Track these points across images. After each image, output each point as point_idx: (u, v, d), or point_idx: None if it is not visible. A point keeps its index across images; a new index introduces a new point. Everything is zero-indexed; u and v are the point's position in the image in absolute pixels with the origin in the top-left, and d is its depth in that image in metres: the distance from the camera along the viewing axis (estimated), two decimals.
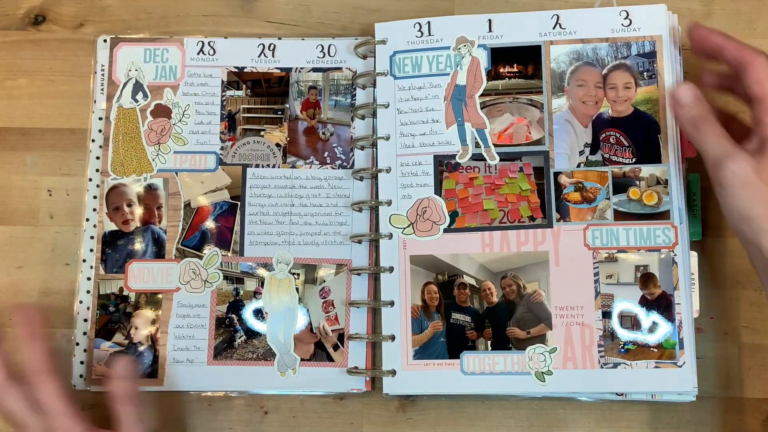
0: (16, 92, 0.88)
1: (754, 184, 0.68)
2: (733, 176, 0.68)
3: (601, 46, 0.80)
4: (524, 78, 0.81)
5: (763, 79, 0.70)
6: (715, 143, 0.70)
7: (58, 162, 0.87)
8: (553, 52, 0.81)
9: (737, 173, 0.68)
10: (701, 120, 0.72)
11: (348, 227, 0.84)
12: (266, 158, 0.85)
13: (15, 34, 0.89)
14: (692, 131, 0.72)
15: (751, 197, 0.68)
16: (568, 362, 0.77)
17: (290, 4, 0.89)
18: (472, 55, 0.82)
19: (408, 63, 0.83)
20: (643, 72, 0.79)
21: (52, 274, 0.85)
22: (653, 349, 0.76)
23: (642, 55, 0.79)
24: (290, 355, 0.81)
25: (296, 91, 0.86)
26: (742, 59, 0.71)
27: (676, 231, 0.77)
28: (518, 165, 0.80)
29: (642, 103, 0.79)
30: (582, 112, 0.80)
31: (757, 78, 0.70)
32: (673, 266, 0.76)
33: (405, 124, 0.82)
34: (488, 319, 0.79)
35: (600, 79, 0.80)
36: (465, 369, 0.78)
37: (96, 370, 0.82)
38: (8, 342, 0.82)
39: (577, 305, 0.78)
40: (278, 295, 0.83)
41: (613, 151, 0.79)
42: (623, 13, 0.80)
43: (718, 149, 0.70)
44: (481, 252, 0.80)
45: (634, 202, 0.78)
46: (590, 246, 0.78)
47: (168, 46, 0.87)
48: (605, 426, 0.80)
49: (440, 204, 0.81)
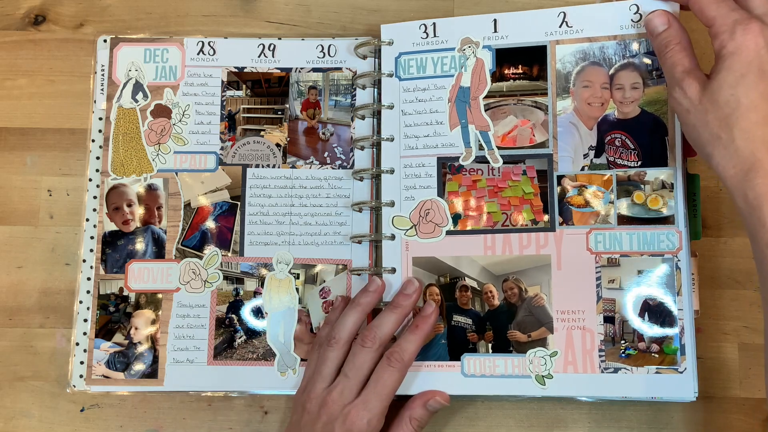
0: (16, 92, 0.86)
1: (695, 109, 0.66)
2: (679, 102, 0.67)
3: (608, 45, 0.77)
4: (529, 79, 0.78)
5: (701, 6, 0.68)
6: (672, 69, 0.69)
7: (58, 162, 0.85)
8: (559, 52, 0.78)
9: (682, 101, 0.67)
10: (666, 46, 0.70)
11: (348, 227, 0.81)
12: (266, 158, 0.83)
13: (15, 34, 0.88)
14: (660, 58, 0.71)
15: (695, 123, 0.66)
16: (568, 366, 0.75)
17: (290, 4, 0.87)
18: (476, 56, 0.79)
19: (413, 64, 0.80)
20: (652, 71, 0.76)
21: (52, 274, 0.83)
22: (654, 354, 0.74)
23: (651, 53, 0.76)
24: (290, 355, 0.79)
25: (296, 91, 0.84)
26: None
27: (681, 236, 0.74)
28: (521, 168, 0.78)
29: (649, 104, 0.76)
30: (587, 113, 0.77)
31: (699, 8, 0.69)
32: (677, 272, 0.74)
33: (409, 126, 0.80)
34: (489, 322, 0.77)
35: (607, 79, 0.77)
36: (466, 371, 0.76)
37: (96, 370, 0.79)
38: (7, 342, 0.82)
39: (578, 309, 0.75)
40: (278, 295, 0.81)
41: (618, 154, 0.76)
42: (633, 7, 0.76)
43: (672, 75, 0.69)
44: (483, 255, 0.77)
45: (638, 206, 0.75)
46: (593, 250, 0.75)
47: (168, 46, 0.84)
48: (605, 426, 0.79)
49: (443, 206, 0.78)
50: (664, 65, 0.70)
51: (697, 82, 0.66)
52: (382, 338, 0.72)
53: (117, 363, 0.79)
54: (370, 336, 0.72)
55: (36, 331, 0.81)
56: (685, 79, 0.67)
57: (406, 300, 0.75)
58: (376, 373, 0.71)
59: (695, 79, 0.67)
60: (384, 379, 0.71)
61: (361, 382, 0.71)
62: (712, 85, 0.65)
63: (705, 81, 0.66)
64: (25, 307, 0.82)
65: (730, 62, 0.65)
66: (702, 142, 0.66)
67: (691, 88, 0.66)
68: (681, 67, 0.68)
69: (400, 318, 0.74)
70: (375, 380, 0.71)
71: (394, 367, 0.71)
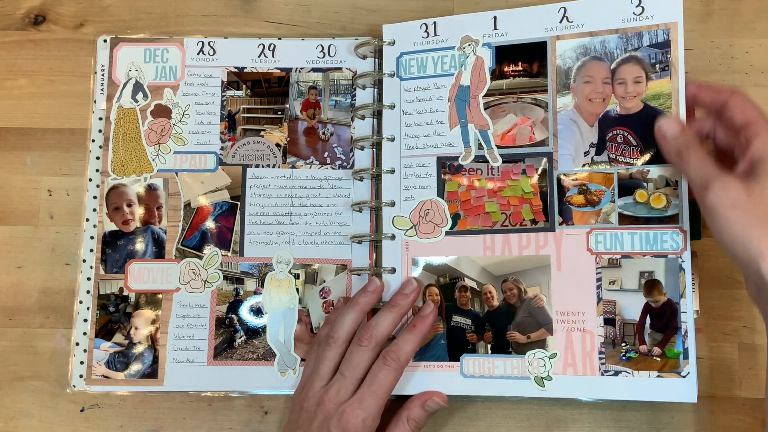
0: (16, 92, 0.86)
1: (745, 204, 0.62)
2: (722, 198, 0.63)
3: (609, 39, 0.75)
4: (529, 76, 0.77)
5: (744, 106, 0.68)
6: (701, 167, 0.66)
7: (58, 162, 0.84)
8: (560, 47, 0.76)
9: (726, 194, 0.63)
10: (686, 147, 0.68)
11: (348, 227, 0.80)
12: (266, 158, 0.82)
13: (15, 34, 0.87)
14: (677, 161, 0.69)
15: (743, 218, 0.62)
16: (568, 368, 0.73)
17: (290, 4, 0.87)
18: (476, 54, 0.78)
19: (414, 64, 0.80)
20: (655, 64, 0.74)
21: (52, 274, 0.82)
22: (656, 358, 0.72)
23: (654, 46, 0.74)
24: (290, 356, 0.78)
25: (296, 91, 0.83)
26: (720, 97, 0.70)
27: (685, 236, 0.72)
28: (521, 167, 0.76)
29: (653, 98, 0.74)
30: (588, 110, 0.75)
31: (738, 107, 0.68)
32: (681, 273, 0.72)
33: (409, 126, 0.79)
34: (489, 323, 0.75)
35: (608, 74, 0.75)
36: (465, 372, 0.75)
37: (96, 370, 0.78)
38: (7, 342, 0.81)
39: (578, 311, 0.74)
40: (278, 295, 0.80)
41: (620, 151, 0.74)
42: (635, 0, 0.75)
43: (704, 173, 0.65)
44: (483, 255, 0.76)
45: (640, 205, 0.73)
46: (593, 251, 0.74)
47: (168, 47, 0.84)
48: (605, 426, 0.78)
49: (442, 206, 0.77)
50: (687, 167, 0.67)
51: (738, 180, 0.64)
52: (378, 337, 0.71)
53: (117, 363, 0.78)
54: (366, 335, 0.71)
55: (36, 331, 0.81)
56: (723, 175, 0.64)
57: (404, 300, 0.74)
58: (372, 372, 0.70)
59: (733, 176, 0.64)
60: (380, 379, 0.70)
61: (358, 381, 0.71)
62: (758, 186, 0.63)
63: (742, 178, 0.64)
64: (25, 307, 0.81)
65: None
66: (749, 237, 0.62)
67: (734, 186, 0.63)
68: (711, 165, 0.66)
69: (398, 317, 0.73)
70: (371, 379, 0.70)
71: (390, 367, 0.70)
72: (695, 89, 0.72)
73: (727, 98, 0.69)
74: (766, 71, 0.82)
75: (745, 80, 0.81)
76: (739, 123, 0.67)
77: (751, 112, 0.67)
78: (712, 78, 0.82)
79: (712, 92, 0.71)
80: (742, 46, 0.82)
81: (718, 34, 0.83)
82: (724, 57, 0.82)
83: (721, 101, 0.69)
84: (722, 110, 0.69)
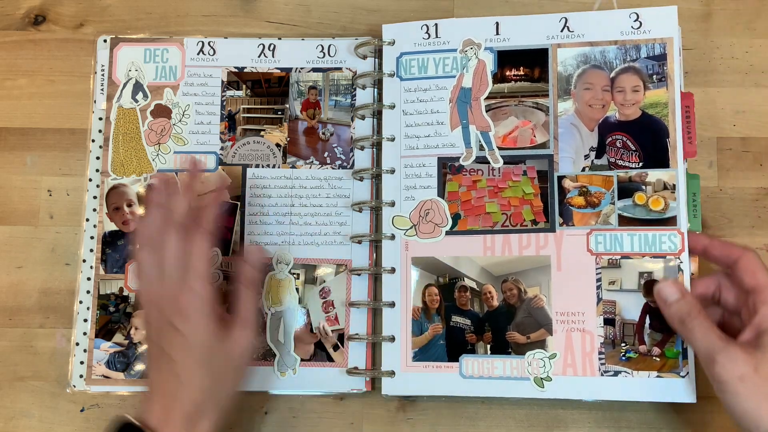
0: (16, 92, 0.85)
1: (753, 378, 0.62)
2: (729, 372, 0.63)
3: (609, 49, 0.77)
4: (530, 81, 0.78)
5: (755, 269, 0.67)
6: (706, 338, 0.66)
7: (58, 162, 0.84)
8: (561, 55, 0.77)
9: (733, 367, 0.63)
10: (688, 316, 0.67)
11: (348, 227, 0.80)
12: (266, 158, 0.82)
13: (15, 34, 0.87)
14: (680, 328, 0.68)
15: (753, 394, 0.62)
16: (567, 369, 0.73)
17: (290, 4, 0.86)
18: (478, 57, 0.78)
19: (414, 65, 0.80)
20: (653, 75, 0.75)
21: (52, 274, 0.82)
22: (655, 358, 0.72)
23: (651, 58, 0.76)
24: (290, 356, 0.78)
25: (296, 91, 0.83)
26: (731, 255, 0.69)
27: (683, 237, 0.73)
28: (522, 168, 0.77)
29: (650, 106, 0.75)
30: (588, 115, 0.76)
31: (748, 269, 0.68)
32: (679, 274, 0.73)
33: (410, 126, 0.79)
34: (488, 323, 0.76)
35: (608, 82, 0.76)
36: (464, 372, 0.75)
37: (96, 370, 0.78)
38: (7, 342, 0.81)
39: (578, 311, 0.74)
40: (278, 296, 0.79)
41: (619, 155, 0.75)
42: (633, 15, 0.76)
43: (709, 345, 0.65)
44: (483, 255, 0.76)
45: (639, 207, 0.74)
46: (593, 251, 0.74)
47: (168, 47, 0.83)
48: (605, 426, 0.77)
49: (443, 206, 0.77)
50: (692, 333, 0.67)
51: (744, 351, 0.63)
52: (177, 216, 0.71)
53: (117, 363, 0.78)
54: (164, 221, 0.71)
55: (36, 331, 0.80)
56: (729, 347, 0.64)
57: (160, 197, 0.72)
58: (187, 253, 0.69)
59: (739, 347, 0.64)
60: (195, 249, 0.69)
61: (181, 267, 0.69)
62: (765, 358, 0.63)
63: (748, 349, 0.64)
64: (25, 307, 0.81)
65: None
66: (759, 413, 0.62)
67: (740, 358, 0.63)
68: (715, 336, 0.65)
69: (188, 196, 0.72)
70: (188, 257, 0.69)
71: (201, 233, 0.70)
72: (707, 243, 0.71)
73: (738, 257, 0.68)
74: (766, 71, 0.82)
75: (745, 80, 0.82)
76: (749, 286, 0.67)
77: (761, 277, 0.67)
78: (712, 78, 0.82)
79: (724, 249, 0.70)
80: (742, 46, 0.82)
81: (718, 34, 0.83)
82: (724, 57, 0.82)
83: (731, 259, 0.69)
84: (732, 268, 0.69)
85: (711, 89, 0.82)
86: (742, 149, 0.81)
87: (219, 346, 0.68)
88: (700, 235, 0.73)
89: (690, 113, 0.74)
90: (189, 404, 0.66)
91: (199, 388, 0.67)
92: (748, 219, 0.80)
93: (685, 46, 0.79)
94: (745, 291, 0.68)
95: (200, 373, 0.67)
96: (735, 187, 0.80)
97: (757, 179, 0.80)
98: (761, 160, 0.80)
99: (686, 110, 0.74)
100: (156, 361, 0.68)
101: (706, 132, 0.81)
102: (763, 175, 0.80)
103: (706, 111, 0.81)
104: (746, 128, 0.81)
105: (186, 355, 0.67)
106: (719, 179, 0.80)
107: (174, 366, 0.66)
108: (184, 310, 0.67)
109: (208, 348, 0.67)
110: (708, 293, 0.72)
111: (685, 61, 0.79)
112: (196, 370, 0.66)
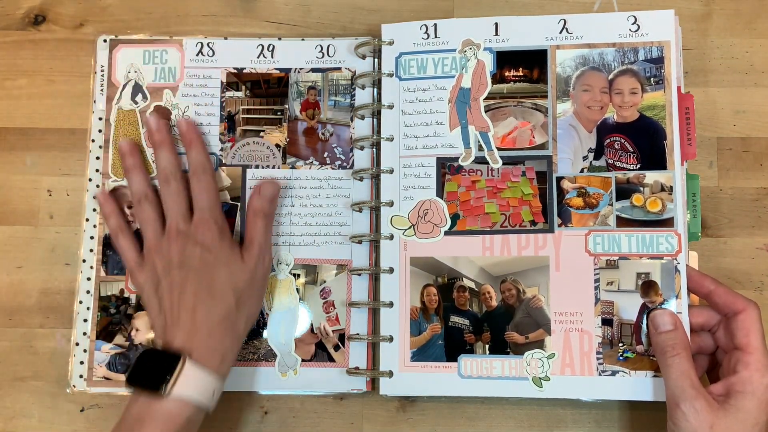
0: (16, 92, 0.86)
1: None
2: (688, 423, 0.65)
3: (607, 51, 0.77)
4: (529, 82, 0.78)
5: (750, 329, 0.68)
6: (679, 380, 0.67)
7: (58, 162, 0.84)
8: (559, 56, 0.78)
9: (692, 421, 0.65)
10: (672, 349, 0.69)
11: (348, 227, 0.81)
12: (266, 159, 0.82)
13: (15, 34, 0.87)
14: (660, 358, 0.70)
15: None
16: (566, 368, 0.74)
17: (290, 4, 0.87)
18: (477, 58, 0.79)
19: (413, 65, 0.80)
20: (650, 78, 0.76)
21: (52, 274, 0.83)
22: (653, 357, 0.73)
23: (649, 61, 0.76)
24: (291, 356, 0.79)
25: (295, 91, 0.83)
26: (733, 307, 0.70)
27: (680, 239, 0.74)
28: (521, 169, 0.77)
29: (648, 108, 0.76)
30: (587, 117, 0.77)
31: (744, 326, 0.68)
32: (676, 274, 0.73)
33: (409, 126, 0.80)
34: (487, 323, 0.76)
35: (606, 84, 0.77)
36: (462, 372, 0.76)
37: (96, 372, 0.79)
38: (7, 342, 0.81)
39: (576, 311, 0.75)
40: (279, 296, 0.80)
41: (617, 157, 0.76)
42: (631, 18, 0.77)
43: (679, 388, 0.66)
44: (482, 255, 0.77)
45: (637, 208, 0.75)
46: (591, 252, 0.75)
47: (167, 48, 0.84)
48: (605, 426, 0.78)
49: (442, 206, 0.78)
50: (668, 369, 0.68)
51: (708, 406, 0.65)
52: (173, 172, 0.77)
53: (118, 365, 0.78)
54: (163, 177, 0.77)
55: (36, 331, 0.81)
56: (697, 398, 0.65)
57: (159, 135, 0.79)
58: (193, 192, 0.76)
59: (706, 401, 0.65)
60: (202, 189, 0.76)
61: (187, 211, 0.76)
62: (726, 418, 0.64)
63: (714, 405, 0.65)
64: (25, 307, 0.81)
65: (750, 405, 0.65)
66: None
67: (703, 412, 0.64)
68: (689, 381, 0.66)
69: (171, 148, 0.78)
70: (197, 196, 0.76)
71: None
72: (712, 290, 0.72)
73: (740, 310, 0.69)
74: (766, 71, 0.82)
75: (745, 80, 0.82)
76: (738, 344, 0.68)
77: (753, 339, 0.67)
78: (712, 78, 0.82)
79: (728, 298, 0.70)
80: (742, 46, 0.83)
81: (717, 34, 0.83)
82: (724, 57, 0.83)
83: (733, 311, 0.69)
84: (731, 319, 0.69)
85: (711, 89, 0.82)
86: (742, 149, 0.81)
87: (243, 267, 0.73)
88: (706, 278, 0.72)
89: (690, 115, 0.75)
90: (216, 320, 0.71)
91: (226, 306, 0.71)
92: (748, 219, 0.80)
93: (685, 46, 0.80)
94: (734, 345, 0.69)
95: (228, 289, 0.72)
96: (735, 187, 0.81)
97: (757, 179, 0.81)
98: (761, 160, 0.81)
99: (686, 112, 0.75)
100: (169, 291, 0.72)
101: (706, 132, 0.82)
102: (763, 175, 0.81)
103: (706, 111, 0.82)
104: (746, 128, 0.82)
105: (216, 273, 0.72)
106: (719, 179, 0.81)
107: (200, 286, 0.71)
108: (208, 236, 0.73)
109: (238, 267, 0.73)
110: (707, 326, 0.73)
111: (685, 61, 0.80)
112: (226, 285, 0.72)
